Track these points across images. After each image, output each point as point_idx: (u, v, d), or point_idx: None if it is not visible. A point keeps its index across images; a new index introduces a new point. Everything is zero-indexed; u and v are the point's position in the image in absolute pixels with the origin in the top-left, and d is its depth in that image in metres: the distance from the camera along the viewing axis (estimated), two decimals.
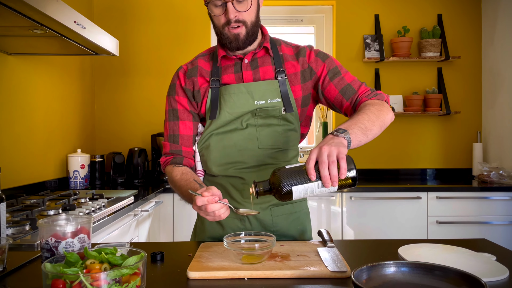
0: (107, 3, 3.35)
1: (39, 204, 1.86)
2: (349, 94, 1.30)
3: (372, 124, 1.15)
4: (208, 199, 1.03)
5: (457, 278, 0.82)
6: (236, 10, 1.24)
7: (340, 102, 1.31)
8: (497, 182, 2.88)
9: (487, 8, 3.34)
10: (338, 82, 1.32)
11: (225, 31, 1.27)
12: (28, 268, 1.09)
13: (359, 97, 1.29)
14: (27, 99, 2.36)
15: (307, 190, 1.00)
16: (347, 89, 1.31)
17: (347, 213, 2.82)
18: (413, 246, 1.19)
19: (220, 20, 1.27)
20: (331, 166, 0.95)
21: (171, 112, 1.40)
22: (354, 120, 1.14)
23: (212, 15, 1.28)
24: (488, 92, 3.33)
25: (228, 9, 1.23)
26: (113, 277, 0.79)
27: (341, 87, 1.31)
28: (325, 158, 0.96)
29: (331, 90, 1.32)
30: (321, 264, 1.02)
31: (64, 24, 1.61)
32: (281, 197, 1.02)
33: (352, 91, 1.31)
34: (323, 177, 0.96)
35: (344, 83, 1.32)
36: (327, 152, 0.97)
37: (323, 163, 0.96)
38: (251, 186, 1.05)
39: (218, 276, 0.97)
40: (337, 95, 1.32)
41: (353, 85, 1.31)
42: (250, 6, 1.25)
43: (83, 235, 0.98)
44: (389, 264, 0.88)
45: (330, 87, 1.33)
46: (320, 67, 1.35)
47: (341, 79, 1.32)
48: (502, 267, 1.01)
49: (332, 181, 0.96)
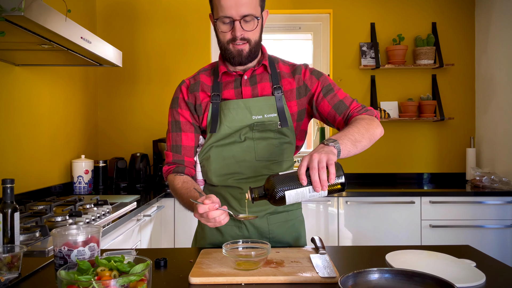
0: (110, 12, 3.44)
1: (47, 210, 1.94)
2: (342, 109, 1.39)
3: (361, 136, 1.23)
4: (209, 207, 1.10)
5: (433, 283, 0.91)
6: (243, 29, 1.32)
7: (333, 117, 1.40)
8: (489, 186, 2.97)
9: (480, 17, 3.43)
10: (331, 98, 1.40)
11: (230, 47, 1.35)
12: (41, 274, 1.17)
13: (351, 112, 1.37)
14: (33, 108, 2.45)
15: (299, 194, 1.07)
16: (340, 105, 1.39)
17: (343, 217, 2.90)
18: (399, 253, 1.27)
19: (226, 36, 1.35)
20: (321, 171, 1.03)
21: (174, 124, 1.48)
22: (344, 132, 1.22)
23: (219, 31, 1.36)
24: (481, 98, 3.42)
25: (236, 27, 1.31)
26: (122, 283, 0.87)
27: (334, 103, 1.40)
28: (315, 164, 1.04)
29: (324, 106, 1.41)
30: (312, 270, 1.10)
31: (71, 40, 1.69)
32: (275, 202, 1.09)
33: (344, 106, 1.39)
34: (314, 181, 1.03)
35: (337, 99, 1.40)
36: (317, 159, 1.05)
37: (314, 169, 1.03)
38: (247, 192, 1.12)
39: (217, 281, 1.05)
40: (330, 110, 1.40)
41: (345, 101, 1.40)
42: (256, 26, 1.34)
43: (93, 244, 1.06)
44: (373, 271, 0.96)
45: (323, 103, 1.41)
46: (314, 84, 1.43)
47: (334, 96, 1.41)
48: (480, 273, 1.10)
49: (322, 185, 1.03)
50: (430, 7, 3.47)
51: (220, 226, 1.16)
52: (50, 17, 1.50)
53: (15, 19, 1.37)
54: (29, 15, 1.37)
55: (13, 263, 1.12)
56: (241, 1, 1.28)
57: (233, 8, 1.28)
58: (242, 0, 1.28)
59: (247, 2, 1.29)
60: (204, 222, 1.15)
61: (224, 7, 1.29)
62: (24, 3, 1.32)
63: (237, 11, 1.29)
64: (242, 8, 1.28)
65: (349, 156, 1.21)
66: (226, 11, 1.29)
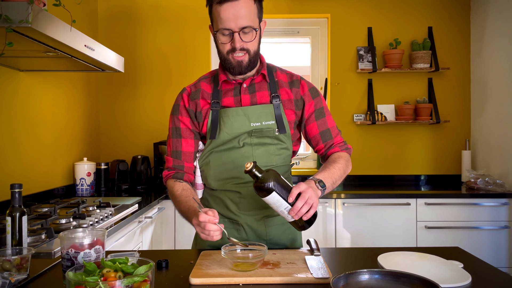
0: (111, 16, 3.49)
1: (51, 213, 2.00)
2: (326, 138, 1.52)
3: (339, 179, 1.42)
4: (209, 219, 1.17)
5: (420, 283, 0.97)
6: (242, 40, 1.37)
7: (317, 141, 1.53)
8: (484, 188, 3.03)
9: (475, 22, 3.48)
10: (321, 124, 1.52)
11: (229, 57, 1.41)
12: (48, 275, 1.23)
13: (334, 145, 1.52)
14: (36, 112, 2.51)
15: (278, 203, 1.20)
16: (326, 133, 1.52)
17: (340, 218, 2.96)
18: (391, 254, 1.33)
19: (225, 47, 1.40)
20: (305, 206, 1.19)
21: (174, 130, 1.53)
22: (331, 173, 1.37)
23: (219, 42, 1.41)
24: (477, 101, 3.48)
25: (235, 39, 1.36)
26: (126, 284, 0.93)
27: (322, 130, 1.52)
28: (307, 198, 1.19)
29: (313, 128, 1.52)
30: (307, 271, 1.16)
31: (75, 48, 1.75)
32: (259, 189, 1.20)
33: (329, 136, 1.52)
34: (295, 206, 1.18)
35: (325, 127, 1.52)
36: (310, 196, 1.20)
37: (303, 199, 1.18)
38: (249, 162, 1.21)
39: (216, 282, 1.11)
40: (316, 134, 1.52)
41: (332, 132, 1.53)
42: (255, 37, 1.39)
43: (99, 246, 1.12)
44: (363, 272, 1.02)
45: (313, 125, 1.52)
46: (310, 102, 1.51)
47: (324, 122, 1.52)
48: (466, 274, 1.16)
49: (297, 214, 1.19)
50: (426, 12, 3.53)
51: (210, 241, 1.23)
52: (56, 27, 1.56)
53: (23, 30, 1.43)
54: (36, 26, 1.43)
55: (22, 264, 1.17)
56: (240, 14, 1.33)
57: (232, 20, 1.34)
58: (241, 13, 1.33)
59: (246, 14, 1.34)
60: (199, 231, 1.20)
61: (223, 19, 1.34)
62: (32, 15, 1.37)
63: (236, 24, 1.34)
64: (241, 20, 1.34)
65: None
66: (226, 23, 1.34)
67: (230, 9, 1.33)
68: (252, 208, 1.46)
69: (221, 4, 1.33)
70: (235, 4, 1.33)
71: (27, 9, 1.39)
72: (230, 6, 1.33)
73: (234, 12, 1.33)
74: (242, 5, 1.33)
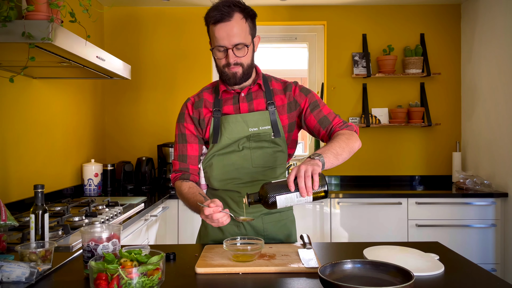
0: (116, 23, 3.65)
1: (64, 211, 2.15)
2: (325, 124, 1.60)
3: (342, 150, 1.44)
4: (213, 210, 1.32)
5: (396, 271, 1.11)
6: (235, 55, 1.53)
7: (318, 130, 1.61)
8: (472, 188, 3.18)
9: (465, 30, 3.64)
10: (317, 114, 1.62)
11: (225, 70, 1.56)
12: (69, 265, 1.38)
13: (333, 127, 1.59)
14: (47, 116, 2.66)
15: (288, 199, 1.28)
16: (324, 120, 1.61)
17: (336, 217, 3.11)
18: (375, 248, 1.48)
19: (221, 62, 1.56)
20: (306, 179, 1.23)
21: (180, 136, 1.69)
22: (328, 146, 1.43)
23: (215, 58, 1.57)
24: (467, 105, 3.63)
25: (229, 55, 1.52)
26: (141, 271, 1.08)
27: (319, 118, 1.61)
28: (302, 173, 1.24)
29: (311, 120, 1.62)
30: (299, 262, 1.31)
31: (88, 60, 1.90)
32: (268, 206, 1.30)
33: (327, 121, 1.60)
34: (300, 188, 1.23)
35: (322, 115, 1.61)
36: (304, 169, 1.25)
37: (301, 177, 1.24)
38: (244, 197, 1.34)
39: (219, 271, 1.26)
40: (315, 124, 1.61)
41: (329, 117, 1.61)
42: (247, 53, 1.54)
43: (115, 240, 1.27)
44: (347, 262, 1.17)
45: (310, 117, 1.62)
46: (303, 100, 1.64)
47: (320, 111, 1.62)
48: (440, 264, 1.30)
49: (307, 191, 1.23)
50: (419, 20, 3.69)
51: (222, 226, 1.37)
52: (72, 42, 1.71)
53: (44, 45, 1.58)
54: (56, 42, 1.58)
55: (46, 256, 1.32)
56: (232, 32, 1.49)
57: (226, 38, 1.50)
58: (233, 32, 1.50)
59: (238, 33, 1.50)
60: (209, 222, 1.36)
61: (218, 38, 1.51)
62: (53, 32, 1.52)
63: (229, 41, 1.50)
64: (234, 38, 1.50)
65: (333, 167, 1.43)
66: (220, 41, 1.51)
67: (224, 28, 1.49)
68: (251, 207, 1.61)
69: (215, 24, 1.50)
70: (228, 24, 1.49)
71: (47, 27, 1.54)
72: (224, 26, 1.49)
73: (227, 31, 1.49)
74: (234, 24, 1.50)
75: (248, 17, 1.53)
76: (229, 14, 1.48)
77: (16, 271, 1.21)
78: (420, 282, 1.16)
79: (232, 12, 1.49)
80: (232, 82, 1.58)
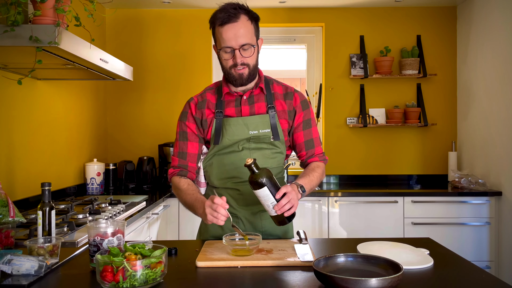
0: (118, 24, 3.71)
1: (68, 209, 2.22)
2: (309, 147, 1.74)
3: (315, 186, 1.66)
4: (223, 203, 1.39)
5: (385, 264, 1.18)
6: (242, 56, 1.58)
7: (301, 149, 1.74)
8: (467, 187, 3.24)
9: (461, 31, 3.70)
10: (307, 133, 1.73)
11: (232, 71, 1.61)
12: (75, 259, 1.45)
13: (315, 155, 1.74)
14: (51, 116, 2.73)
15: (266, 197, 1.41)
16: (310, 143, 1.74)
17: (335, 215, 3.18)
18: (369, 243, 1.54)
19: (228, 63, 1.61)
20: (288, 204, 1.42)
21: (182, 134, 1.74)
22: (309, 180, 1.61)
23: (222, 59, 1.62)
24: (462, 105, 3.70)
25: (236, 55, 1.58)
26: (145, 264, 1.14)
27: (307, 139, 1.73)
28: (291, 197, 1.43)
29: (299, 137, 1.73)
30: (295, 256, 1.37)
31: (92, 62, 1.96)
32: (253, 183, 1.40)
33: (312, 146, 1.74)
34: (280, 202, 1.41)
35: (310, 137, 1.74)
36: (293, 197, 1.44)
37: (287, 198, 1.42)
38: (251, 158, 1.44)
39: (218, 265, 1.32)
40: (301, 142, 1.74)
41: (315, 142, 1.75)
42: (253, 53, 1.60)
43: (120, 235, 1.34)
44: (340, 255, 1.24)
45: (300, 134, 1.73)
46: (300, 113, 1.72)
47: (309, 132, 1.74)
48: (429, 258, 1.37)
49: (281, 209, 1.41)
50: (415, 22, 3.75)
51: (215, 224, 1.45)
52: (77, 45, 1.77)
53: (51, 49, 1.64)
54: (62, 45, 1.64)
55: (54, 251, 1.39)
56: (239, 33, 1.55)
57: (233, 39, 1.55)
58: (240, 33, 1.55)
59: (244, 34, 1.56)
60: (208, 212, 1.42)
61: (225, 39, 1.56)
62: (59, 36, 1.58)
63: (236, 42, 1.56)
64: (240, 39, 1.56)
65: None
66: (227, 42, 1.56)
67: (231, 29, 1.55)
68: (250, 203, 1.68)
69: (222, 26, 1.55)
70: (235, 25, 1.55)
71: (54, 31, 1.60)
72: (231, 27, 1.55)
73: (234, 32, 1.55)
74: (241, 25, 1.55)
75: (253, 19, 1.60)
76: (236, 15, 1.54)
77: (26, 264, 1.27)
78: (409, 275, 1.22)
79: (239, 14, 1.55)
80: (239, 83, 1.63)
